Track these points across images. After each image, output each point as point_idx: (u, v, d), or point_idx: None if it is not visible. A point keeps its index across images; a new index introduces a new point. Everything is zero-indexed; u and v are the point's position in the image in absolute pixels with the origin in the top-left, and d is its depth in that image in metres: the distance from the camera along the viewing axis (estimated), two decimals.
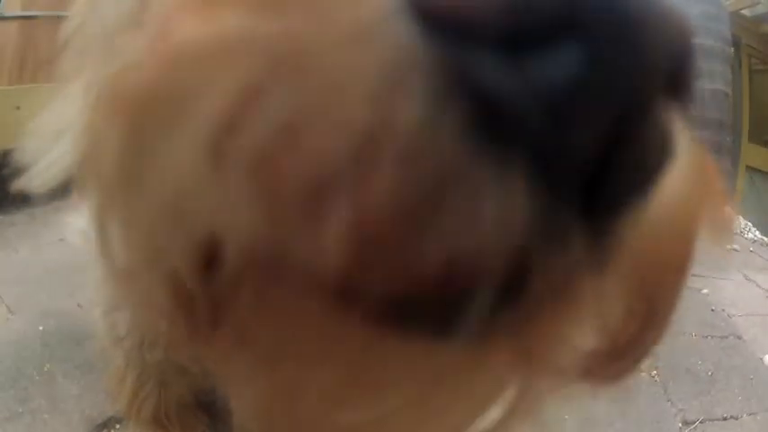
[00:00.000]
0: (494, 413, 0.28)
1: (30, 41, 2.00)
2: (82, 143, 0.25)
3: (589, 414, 1.24)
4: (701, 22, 5.35)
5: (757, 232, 4.05)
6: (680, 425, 1.26)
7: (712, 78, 5.16)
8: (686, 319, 1.85)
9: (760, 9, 7.11)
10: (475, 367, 0.24)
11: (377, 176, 0.18)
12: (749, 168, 7.30)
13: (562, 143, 0.18)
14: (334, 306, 0.21)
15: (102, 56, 0.34)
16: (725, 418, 1.31)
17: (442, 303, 0.20)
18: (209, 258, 0.21)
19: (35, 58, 1.99)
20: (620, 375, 0.28)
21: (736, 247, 3.19)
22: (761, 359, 1.63)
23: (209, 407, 0.87)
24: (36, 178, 0.39)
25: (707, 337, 1.74)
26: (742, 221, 4.22)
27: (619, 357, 0.27)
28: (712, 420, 1.29)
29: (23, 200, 1.62)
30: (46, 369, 1.16)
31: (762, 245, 3.70)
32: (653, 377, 1.42)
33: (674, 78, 0.20)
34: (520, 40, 0.17)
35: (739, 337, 1.78)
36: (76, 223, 0.63)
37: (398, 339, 0.22)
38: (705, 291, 2.17)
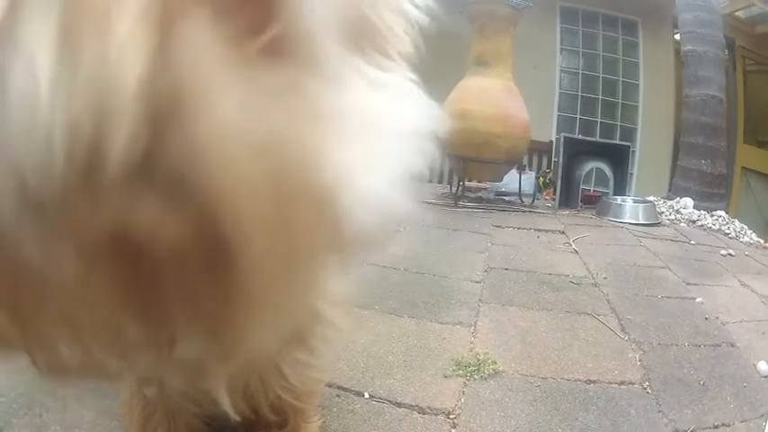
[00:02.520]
0: None
1: None
2: None
3: (581, 426, 1.26)
4: (694, 29, 5.39)
5: (753, 235, 4.06)
6: None
7: (706, 84, 5.19)
8: (679, 329, 1.87)
9: (755, 10, 7.16)
10: None
11: None
12: (744, 170, 7.33)
13: None
14: None
15: None
16: (716, 426, 1.32)
17: None
18: None
19: None
20: None
21: (731, 251, 3.21)
22: (754, 365, 1.64)
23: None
24: None
25: (699, 346, 1.75)
26: (738, 225, 4.23)
27: None
28: (704, 429, 1.30)
29: None
30: (59, 395, 1.19)
31: (757, 248, 3.71)
32: (645, 389, 1.44)
33: None
34: None
35: (732, 345, 1.80)
36: None
37: None
38: (699, 299, 2.19)
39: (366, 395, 1.32)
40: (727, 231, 4.04)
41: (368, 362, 1.49)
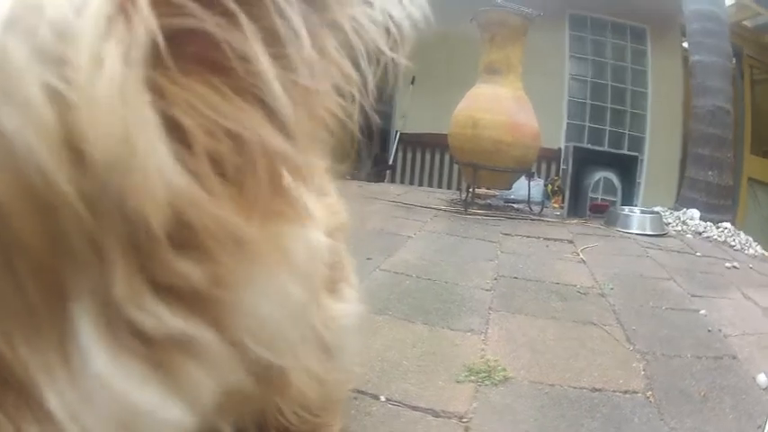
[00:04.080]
0: None
1: None
2: None
3: None
4: (702, 39, 5.42)
5: (758, 247, 4.07)
6: None
7: (714, 95, 5.20)
8: (682, 341, 1.92)
9: (762, 19, 7.18)
10: None
11: None
12: (751, 180, 7.34)
13: None
14: None
15: None
16: None
17: None
18: None
19: None
20: None
21: (735, 264, 3.25)
22: (754, 378, 1.69)
23: None
24: None
25: (702, 357, 1.81)
26: (743, 237, 4.26)
27: None
28: None
29: None
30: None
31: (762, 260, 3.73)
32: (648, 398, 1.50)
33: None
34: None
35: (734, 357, 1.85)
36: None
37: None
38: (703, 311, 2.24)
39: (382, 398, 1.38)
40: (733, 243, 4.07)
41: (383, 366, 1.55)
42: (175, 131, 0.34)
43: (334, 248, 0.73)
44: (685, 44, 6.30)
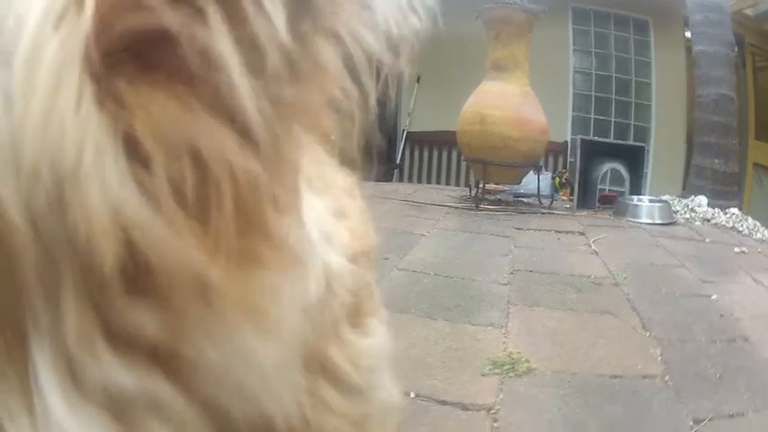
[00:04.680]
0: None
1: None
2: None
3: (609, 418, 1.39)
4: (704, 29, 5.45)
5: (766, 232, 4.10)
6: (691, 423, 1.39)
7: (718, 84, 5.24)
8: (696, 325, 1.99)
9: (762, 7, 7.19)
10: None
11: None
12: (756, 166, 7.36)
13: None
14: None
15: None
16: (731, 416, 1.44)
17: None
18: None
19: None
20: None
21: (744, 249, 3.29)
22: (766, 358, 1.76)
23: None
24: None
25: (715, 341, 1.87)
26: (750, 222, 4.29)
27: None
28: (720, 418, 1.42)
29: None
30: None
31: None
32: (666, 382, 1.57)
33: None
34: None
35: (746, 339, 1.91)
36: None
37: None
38: (714, 297, 2.30)
39: (412, 395, 1.43)
40: (741, 229, 4.11)
41: (409, 364, 1.59)
42: (133, 146, 0.30)
43: (358, 275, 0.68)
44: (688, 34, 6.32)
